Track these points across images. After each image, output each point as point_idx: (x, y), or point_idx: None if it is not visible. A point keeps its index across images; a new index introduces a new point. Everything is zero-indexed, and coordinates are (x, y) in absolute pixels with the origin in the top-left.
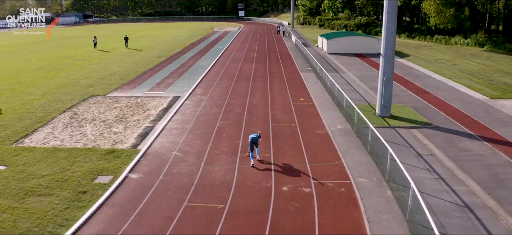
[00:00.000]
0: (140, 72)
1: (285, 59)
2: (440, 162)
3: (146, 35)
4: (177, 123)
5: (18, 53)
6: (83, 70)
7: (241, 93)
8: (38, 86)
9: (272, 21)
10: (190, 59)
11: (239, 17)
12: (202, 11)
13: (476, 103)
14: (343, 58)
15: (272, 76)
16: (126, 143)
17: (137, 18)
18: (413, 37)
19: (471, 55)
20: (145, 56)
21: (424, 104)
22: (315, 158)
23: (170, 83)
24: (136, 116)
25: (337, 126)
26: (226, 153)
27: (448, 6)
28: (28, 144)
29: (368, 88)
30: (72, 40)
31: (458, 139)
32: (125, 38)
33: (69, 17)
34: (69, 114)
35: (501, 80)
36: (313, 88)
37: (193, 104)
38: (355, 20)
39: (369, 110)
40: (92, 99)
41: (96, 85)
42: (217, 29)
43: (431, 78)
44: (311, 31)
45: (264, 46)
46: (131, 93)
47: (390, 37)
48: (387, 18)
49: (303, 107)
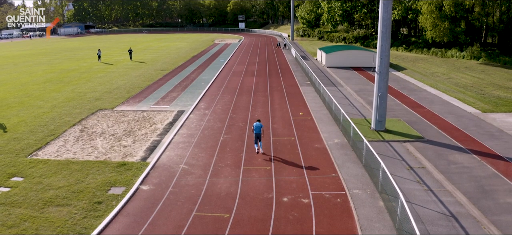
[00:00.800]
0: (144, 86)
1: (285, 72)
2: (430, 175)
3: (148, 47)
4: (183, 137)
5: (24, 65)
6: (89, 83)
7: (243, 107)
8: (47, 99)
9: (272, 33)
10: (193, 73)
11: (239, 28)
12: (203, 22)
13: (468, 116)
14: (341, 71)
15: (273, 90)
16: (136, 156)
17: (138, 29)
18: (410, 50)
19: (466, 68)
20: (148, 69)
21: (418, 118)
22: (313, 171)
23: (174, 97)
24: (144, 130)
25: (334, 140)
26: (230, 166)
27: (443, 20)
28: (42, 156)
29: (364, 102)
30: (76, 52)
31: (448, 152)
32: (129, 51)
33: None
34: (79, 128)
35: (493, 93)
36: (311, 102)
37: (198, 118)
38: (354, 32)
39: (365, 124)
40: (100, 113)
41: (103, 99)
42: (218, 41)
43: (426, 91)
44: (310, 43)
45: (265, 59)
46: (137, 107)
47: (384, 55)
48: (381, 37)
49: (302, 121)
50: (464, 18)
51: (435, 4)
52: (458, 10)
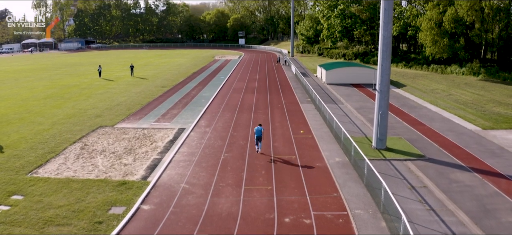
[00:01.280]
0: (145, 103)
1: (285, 89)
2: (431, 194)
3: (149, 63)
4: (183, 155)
5: (25, 80)
6: (90, 100)
7: (243, 125)
8: (47, 115)
9: (272, 49)
10: (193, 89)
11: (239, 45)
12: (203, 38)
13: (469, 134)
14: (342, 88)
15: (273, 107)
16: (136, 175)
17: (138, 44)
18: (410, 67)
19: (466, 85)
20: (149, 86)
21: (419, 136)
22: (315, 190)
23: (175, 114)
24: (144, 147)
25: (335, 159)
26: (231, 186)
27: (443, 36)
28: (43, 174)
29: (365, 120)
30: (76, 67)
31: (449, 170)
32: (131, 67)
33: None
34: (80, 145)
35: (493, 110)
36: (312, 120)
37: (198, 136)
38: (353, 49)
39: (366, 142)
40: (101, 130)
41: (104, 116)
42: (218, 57)
43: (426, 108)
44: (310, 60)
45: (265, 76)
46: (137, 124)
47: (384, 74)
48: (382, 56)
49: (303, 139)
50: (463, 35)
51: (434, 21)
52: (457, 26)
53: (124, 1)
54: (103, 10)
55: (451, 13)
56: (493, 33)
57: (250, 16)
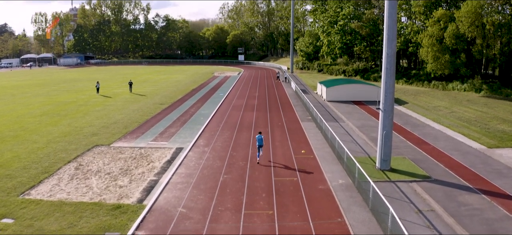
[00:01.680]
0: (142, 121)
1: (286, 107)
2: (440, 218)
3: (147, 80)
4: (181, 177)
5: (22, 96)
6: (87, 117)
7: (243, 145)
8: (42, 133)
9: (271, 65)
10: (192, 107)
11: (239, 61)
12: (202, 54)
13: (474, 153)
14: (342, 105)
15: (273, 126)
16: (132, 198)
17: (138, 60)
18: (410, 83)
19: (468, 101)
20: (147, 103)
21: (423, 156)
22: (318, 215)
23: (173, 133)
24: (141, 168)
25: (338, 181)
26: (231, 210)
27: (444, 53)
28: (35, 196)
29: (367, 138)
30: (74, 83)
31: (457, 192)
32: (130, 83)
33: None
34: (74, 165)
35: (498, 127)
36: (313, 139)
37: (196, 156)
38: (354, 65)
39: (369, 163)
40: (97, 149)
41: (100, 134)
42: (218, 73)
43: (430, 127)
44: (310, 76)
45: (264, 93)
46: (134, 143)
47: (388, 92)
48: (386, 74)
49: (305, 160)
50: (464, 51)
51: (435, 37)
52: (458, 42)
53: (123, 17)
54: (103, 25)
55: (452, 29)
56: (495, 48)
57: (249, 33)
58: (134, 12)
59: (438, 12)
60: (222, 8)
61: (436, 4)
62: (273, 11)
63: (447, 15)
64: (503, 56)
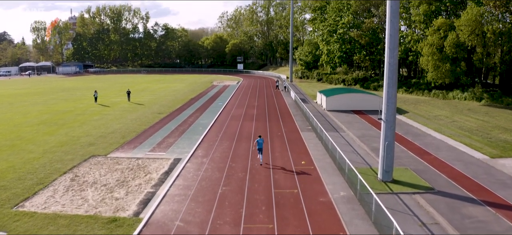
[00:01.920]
0: (140, 130)
1: (285, 116)
2: (444, 231)
3: (146, 89)
4: (179, 189)
5: (19, 105)
6: (84, 127)
7: (242, 156)
8: (39, 143)
9: (270, 74)
10: (191, 116)
11: (238, 70)
12: (201, 63)
13: (477, 163)
14: (342, 115)
15: (273, 136)
16: (128, 211)
17: (137, 69)
18: (410, 92)
19: (469, 110)
20: (145, 112)
21: (425, 167)
22: (319, 229)
23: (171, 143)
24: (138, 180)
25: (340, 193)
26: (229, 224)
27: (444, 61)
28: (29, 208)
29: (368, 149)
30: (73, 92)
31: (461, 204)
32: (128, 92)
33: (69, 67)
34: (70, 176)
35: (500, 137)
36: (314, 149)
37: (195, 168)
38: (353, 74)
39: (371, 174)
40: (93, 160)
41: (97, 144)
42: (217, 82)
43: (431, 136)
44: (309, 85)
45: (264, 102)
46: (132, 153)
47: (390, 102)
48: (388, 83)
49: (305, 171)
50: (464, 59)
51: (436, 46)
52: (458, 51)
53: (123, 26)
54: (102, 34)
55: (452, 38)
56: (495, 57)
57: (248, 42)
58: (133, 21)
59: (438, 21)
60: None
61: (436, 13)
62: (272, 20)
63: (447, 24)
64: (504, 64)
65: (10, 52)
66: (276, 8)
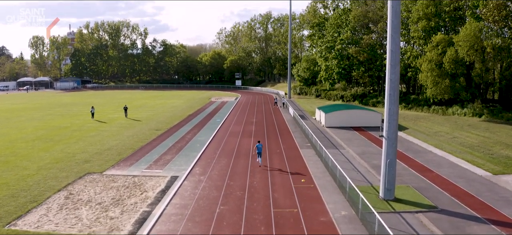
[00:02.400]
0: (137, 147)
1: (284, 133)
2: None
3: (144, 105)
4: (175, 208)
5: (16, 120)
6: (80, 143)
7: (240, 173)
8: (33, 159)
9: (269, 90)
10: (188, 133)
11: (236, 86)
12: (199, 79)
13: (479, 180)
14: (342, 131)
15: (272, 153)
16: (123, 231)
17: (135, 85)
18: (410, 108)
19: (469, 126)
20: (143, 128)
21: (427, 184)
22: None
23: (168, 160)
24: (133, 198)
25: (341, 212)
26: None
27: (444, 77)
28: (21, 227)
29: (369, 166)
30: (70, 107)
31: (465, 223)
32: (125, 108)
33: (67, 82)
34: (64, 194)
35: (502, 153)
36: (313, 167)
37: (192, 186)
38: (352, 90)
39: (372, 192)
40: (88, 177)
41: (93, 161)
42: (215, 99)
43: (432, 153)
44: (307, 102)
45: (262, 119)
46: (128, 171)
47: (392, 119)
48: (389, 100)
49: (305, 189)
50: (464, 75)
51: (434, 62)
52: (457, 66)
53: (121, 42)
54: (100, 50)
55: (451, 54)
56: (495, 72)
57: (247, 58)
58: (132, 37)
59: (437, 37)
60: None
61: (435, 29)
62: (271, 36)
63: (445, 40)
64: (504, 79)
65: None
66: (274, 25)
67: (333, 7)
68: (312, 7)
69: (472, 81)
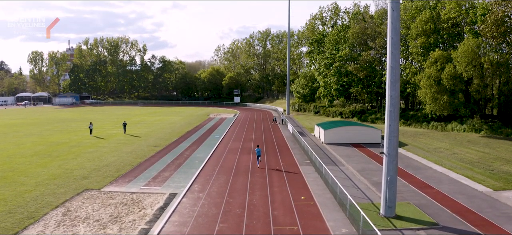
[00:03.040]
0: (136, 164)
1: (283, 150)
2: None
3: (142, 121)
4: (174, 225)
5: (14, 135)
6: (78, 159)
7: (239, 190)
8: (31, 175)
9: (267, 107)
10: (187, 149)
11: (234, 102)
12: (198, 96)
13: (480, 196)
14: (341, 148)
15: (271, 170)
16: None
17: (133, 101)
18: (409, 125)
19: (469, 142)
20: (141, 145)
21: (428, 201)
22: None
23: (166, 177)
24: (132, 215)
25: (341, 230)
26: None
27: (443, 93)
28: None
29: (369, 183)
30: (68, 123)
31: None
32: (124, 124)
33: (65, 98)
34: (62, 210)
35: (502, 169)
36: (313, 184)
37: (191, 203)
38: (350, 107)
39: (373, 209)
40: (86, 194)
41: (91, 177)
42: (213, 115)
43: (432, 169)
44: (306, 118)
45: (261, 135)
46: (126, 187)
47: (393, 136)
48: (389, 116)
49: (305, 206)
50: (462, 91)
51: (433, 78)
52: (456, 82)
53: (120, 58)
54: (99, 65)
55: (450, 70)
56: (493, 88)
57: (245, 74)
58: (131, 53)
59: (435, 53)
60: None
61: (434, 45)
62: (269, 53)
63: (444, 56)
64: (502, 95)
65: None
66: (272, 41)
67: (331, 24)
68: (310, 24)
69: (470, 97)
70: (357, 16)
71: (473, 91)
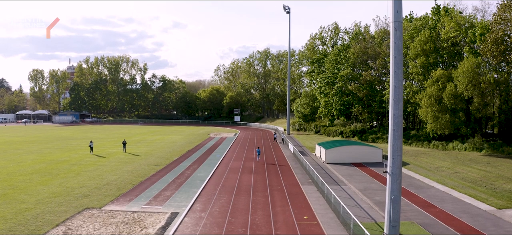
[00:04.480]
0: (137, 182)
1: (284, 169)
2: None
3: (142, 140)
4: None
5: (14, 153)
6: (79, 177)
7: (242, 210)
8: (32, 193)
9: (268, 126)
10: (188, 169)
11: (235, 122)
12: (198, 115)
13: (484, 215)
14: (342, 168)
15: (273, 190)
16: None
17: (133, 120)
18: (410, 144)
19: (470, 161)
20: (142, 164)
21: (432, 220)
22: None
23: (168, 196)
24: None
25: None
26: None
27: (444, 113)
28: None
29: (372, 202)
30: (68, 141)
31: None
32: (123, 143)
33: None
34: (63, 229)
35: (505, 187)
36: (315, 203)
37: (193, 223)
38: (351, 126)
39: (377, 229)
40: (87, 212)
41: (92, 196)
42: (214, 134)
43: (434, 188)
44: (307, 138)
45: (262, 154)
46: (127, 206)
47: (396, 155)
48: (393, 135)
49: (308, 226)
50: (463, 110)
51: (434, 97)
52: (457, 101)
53: (120, 77)
54: (99, 84)
55: (450, 89)
56: (494, 106)
57: (246, 94)
58: (131, 72)
59: (437, 73)
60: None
61: (434, 65)
62: (269, 73)
63: (445, 75)
64: (503, 113)
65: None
66: (272, 61)
67: (331, 44)
68: (310, 44)
69: (471, 115)
70: (357, 36)
71: (474, 110)
